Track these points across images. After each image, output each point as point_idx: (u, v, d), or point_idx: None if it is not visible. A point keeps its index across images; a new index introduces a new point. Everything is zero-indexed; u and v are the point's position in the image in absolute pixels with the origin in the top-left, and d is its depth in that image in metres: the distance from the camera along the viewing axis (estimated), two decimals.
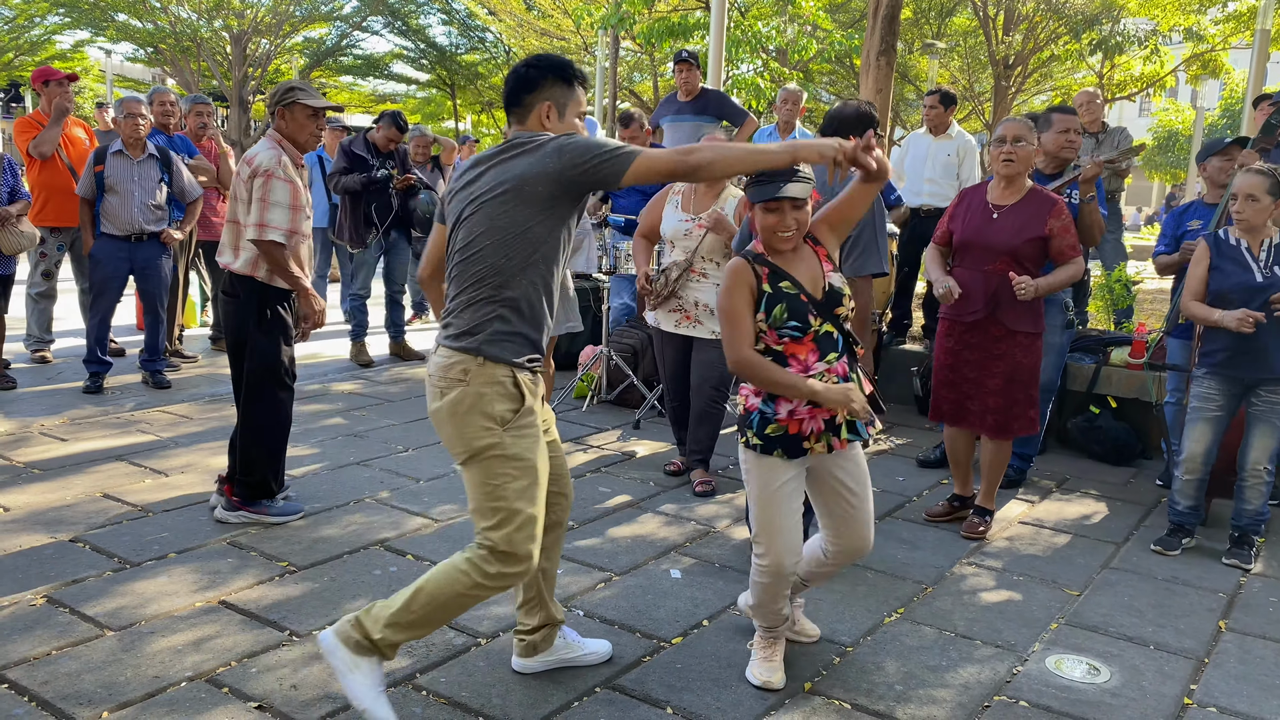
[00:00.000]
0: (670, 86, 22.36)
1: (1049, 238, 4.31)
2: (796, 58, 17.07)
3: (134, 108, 6.38)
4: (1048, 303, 4.85)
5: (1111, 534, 4.63)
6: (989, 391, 4.40)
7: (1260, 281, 4.18)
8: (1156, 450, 5.71)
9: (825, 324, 2.90)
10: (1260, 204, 4.15)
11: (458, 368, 2.65)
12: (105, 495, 4.58)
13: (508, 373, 2.67)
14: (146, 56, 28.71)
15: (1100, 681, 3.25)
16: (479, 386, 2.64)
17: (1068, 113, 5.04)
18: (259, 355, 4.26)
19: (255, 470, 4.32)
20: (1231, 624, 3.73)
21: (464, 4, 27.17)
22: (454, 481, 4.96)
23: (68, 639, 3.24)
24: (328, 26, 28.91)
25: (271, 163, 4.12)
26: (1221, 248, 4.33)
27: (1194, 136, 25.07)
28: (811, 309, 2.87)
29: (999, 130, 4.42)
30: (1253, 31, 17.42)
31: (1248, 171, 4.22)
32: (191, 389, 6.68)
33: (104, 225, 6.37)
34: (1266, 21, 11.51)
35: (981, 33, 20.96)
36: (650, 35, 14.81)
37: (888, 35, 9.34)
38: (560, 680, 3.11)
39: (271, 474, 4.37)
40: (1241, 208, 4.16)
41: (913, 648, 3.43)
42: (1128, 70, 22.63)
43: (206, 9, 25.54)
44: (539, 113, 2.75)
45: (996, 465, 4.54)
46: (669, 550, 4.19)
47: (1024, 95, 23.49)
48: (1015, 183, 4.38)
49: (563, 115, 2.77)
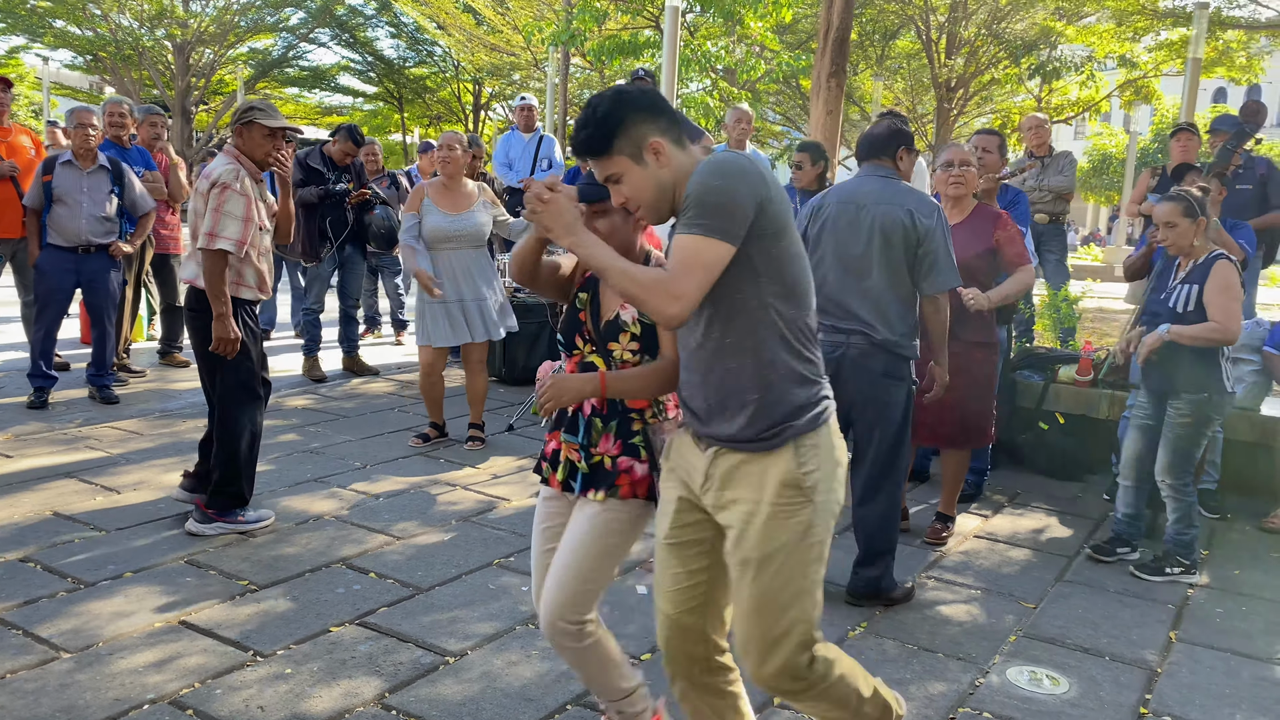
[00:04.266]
0: None
1: (996, 249, 4.47)
2: (745, 78, 17.27)
3: (85, 118, 6.27)
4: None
5: (1063, 548, 4.74)
6: (947, 405, 4.49)
7: (1164, 298, 4.37)
8: (1102, 465, 5.86)
9: (594, 354, 2.58)
10: (1179, 228, 4.29)
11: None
12: (55, 514, 4.47)
13: None
14: (85, 64, 28.12)
15: (1060, 692, 3.33)
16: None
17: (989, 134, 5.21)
18: (228, 368, 4.25)
19: (234, 481, 4.32)
20: (1181, 634, 3.84)
21: (412, 17, 27.04)
22: (413, 499, 4.92)
23: (22, 661, 3.16)
24: (273, 37, 28.60)
25: (229, 176, 4.17)
26: (1163, 267, 4.52)
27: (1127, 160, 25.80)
28: (583, 331, 2.59)
29: (946, 155, 4.56)
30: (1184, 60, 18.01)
31: (1164, 199, 4.37)
32: (140, 404, 6.55)
33: (51, 236, 6.24)
34: (1198, 50, 11.87)
35: (924, 56, 21.40)
36: (600, 53, 14.88)
37: (838, 57, 9.51)
38: (531, 697, 3.11)
39: (246, 483, 4.38)
40: (1164, 235, 4.32)
41: (878, 661, 3.48)
42: (1064, 95, 23.27)
43: (148, 17, 25.13)
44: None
45: (958, 475, 4.71)
46: (632, 567, 4.20)
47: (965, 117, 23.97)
48: (962, 203, 4.54)
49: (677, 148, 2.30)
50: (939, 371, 4.08)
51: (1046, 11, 19.32)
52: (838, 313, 3.87)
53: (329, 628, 3.50)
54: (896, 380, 3.86)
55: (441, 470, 5.42)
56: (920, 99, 24.22)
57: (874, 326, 3.81)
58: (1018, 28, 19.76)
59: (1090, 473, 5.97)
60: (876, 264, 3.80)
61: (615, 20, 17.02)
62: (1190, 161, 7.25)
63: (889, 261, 3.79)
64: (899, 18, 20.78)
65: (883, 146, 3.94)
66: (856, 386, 3.85)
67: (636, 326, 2.54)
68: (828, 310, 3.87)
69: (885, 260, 3.79)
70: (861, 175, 3.99)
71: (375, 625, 3.53)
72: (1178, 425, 4.30)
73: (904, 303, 3.84)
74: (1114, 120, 38.01)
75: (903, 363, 3.87)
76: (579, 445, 2.59)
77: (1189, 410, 4.28)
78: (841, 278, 3.87)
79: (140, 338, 8.43)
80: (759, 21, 15.42)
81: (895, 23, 21.16)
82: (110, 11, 24.77)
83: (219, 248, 4.10)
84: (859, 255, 3.83)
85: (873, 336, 3.81)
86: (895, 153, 3.94)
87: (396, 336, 9.60)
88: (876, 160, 3.95)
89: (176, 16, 25.47)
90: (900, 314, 3.83)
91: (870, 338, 3.81)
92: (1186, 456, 4.34)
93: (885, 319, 3.81)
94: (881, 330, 3.80)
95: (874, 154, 3.96)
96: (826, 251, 3.91)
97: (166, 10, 25.09)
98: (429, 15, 24.73)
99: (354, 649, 3.36)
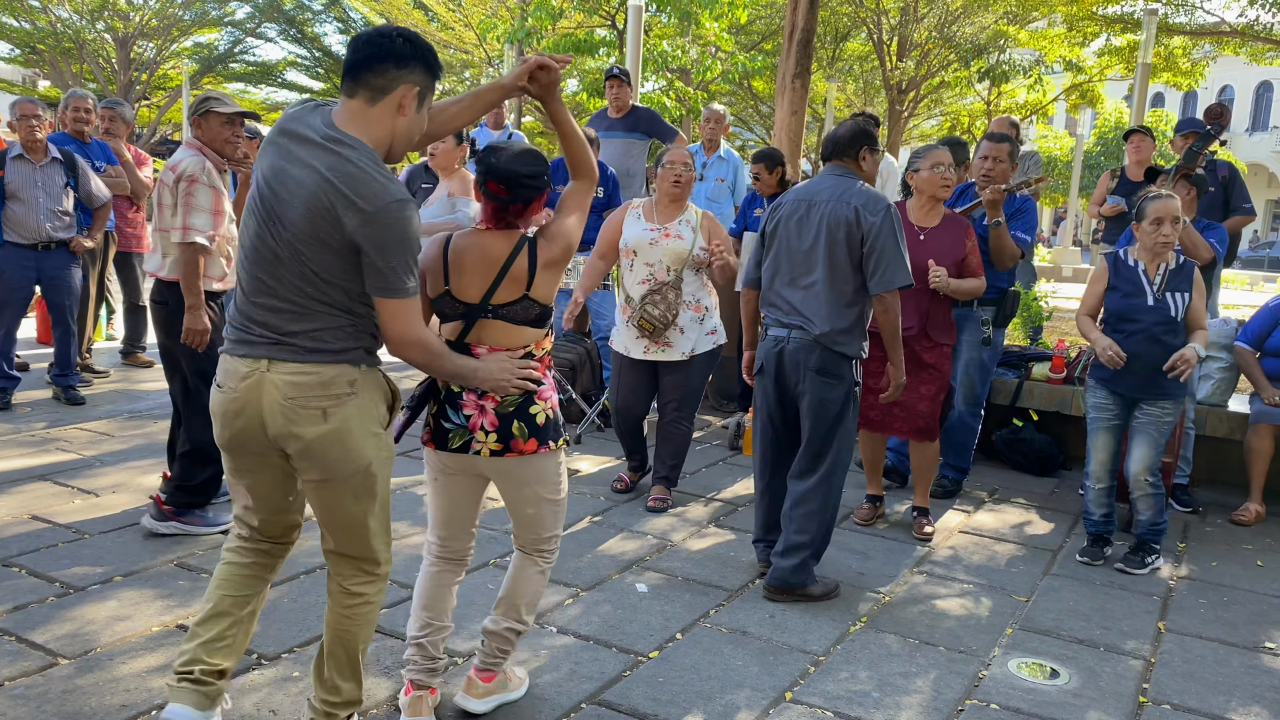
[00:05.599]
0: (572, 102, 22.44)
1: (965, 257, 4.57)
2: (700, 78, 17.33)
3: (27, 109, 6.07)
4: (964, 319, 5.18)
5: (1046, 542, 4.83)
6: (920, 398, 4.60)
7: (1151, 304, 4.43)
8: (1076, 461, 5.98)
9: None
10: (1179, 227, 4.40)
11: (342, 380, 2.44)
12: (34, 517, 4.35)
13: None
14: (22, 56, 27.35)
15: (1061, 683, 3.39)
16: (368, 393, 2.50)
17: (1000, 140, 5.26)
18: (194, 359, 4.19)
19: (195, 477, 4.24)
20: (1169, 625, 3.94)
21: (361, 13, 26.73)
22: (401, 500, 4.87)
23: (20, 668, 3.07)
24: (219, 32, 28.05)
25: (196, 168, 4.14)
26: (1120, 269, 4.56)
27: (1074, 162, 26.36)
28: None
29: (937, 154, 4.59)
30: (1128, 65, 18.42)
31: (1170, 197, 4.43)
32: (107, 405, 6.40)
33: (7, 234, 6.06)
34: (1147, 55, 12.18)
35: (876, 58, 21.67)
36: (555, 50, 14.83)
37: (802, 59, 9.58)
38: (545, 697, 3.09)
39: (210, 482, 4.30)
40: (1169, 231, 4.38)
41: (881, 656, 3.51)
42: (1012, 98, 23.70)
43: (89, 10, 24.52)
44: (397, 97, 2.39)
45: (930, 467, 4.83)
46: (631, 565, 4.20)
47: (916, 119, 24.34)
48: (939, 205, 4.61)
49: (419, 107, 2.46)
50: (893, 371, 4.14)
51: (996, 16, 19.68)
52: (783, 307, 3.99)
53: None
54: (833, 378, 3.90)
55: None
56: (872, 101, 24.51)
57: (811, 322, 3.89)
58: (968, 31, 20.09)
59: (1064, 468, 6.09)
60: (820, 261, 3.89)
61: (570, 19, 17.00)
62: (1145, 161, 7.46)
63: (832, 259, 3.87)
64: (851, 20, 21.02)
65: (845, 147, 4.01)
66: (795, 379, 3.95)
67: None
68: (775, 304, 4.03)
69: (829, 258, 3.87)
70: (821, 175, 4.06)
71: (378, 627, 3.49)
72: (1162, 424, 4.42)
73: (845, 300, 3.89)
74: (1057, 123, 38.78)
75: (841, 360, 3.91)
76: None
77: (1174, 410, 4.42)
78: (788, 273, 3.98)
79: (100, 338, 8.22)
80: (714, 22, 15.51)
81: (847, 25, 21.41)
82: (50, 3, 24.12)
83: (193, 240, 4.08)
84: (805, 251, 3.93)
85: (810, 331, 3.89)
86: (857, 153, 4.00)
87: None
88: (838, 160, 4.03)
89: (118, 9, 24.88)
90: (839, 311, 3.88)
91: (808, 332, 3.90)
92: (1161, 452, 4.49)
93: (823, 315, 3.88)
94: (818, 325, 3.87)
95: (836, 154, 4.04)
96: (779, 248, 4.02)
97: (108, 3, 24.50)
98: (379, 11, 24.46)
99: None
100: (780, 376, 4.01)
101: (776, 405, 4.07)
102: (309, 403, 2.39)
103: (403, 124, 2.42)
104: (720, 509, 5.03)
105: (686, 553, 4.39)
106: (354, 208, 2.27)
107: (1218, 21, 16.92)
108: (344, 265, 2.33)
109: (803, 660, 3.44)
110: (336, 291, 2.37)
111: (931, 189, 4.58)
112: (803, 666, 3.39)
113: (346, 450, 2.45)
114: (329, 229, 2.29)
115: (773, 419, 4.10)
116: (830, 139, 4.05)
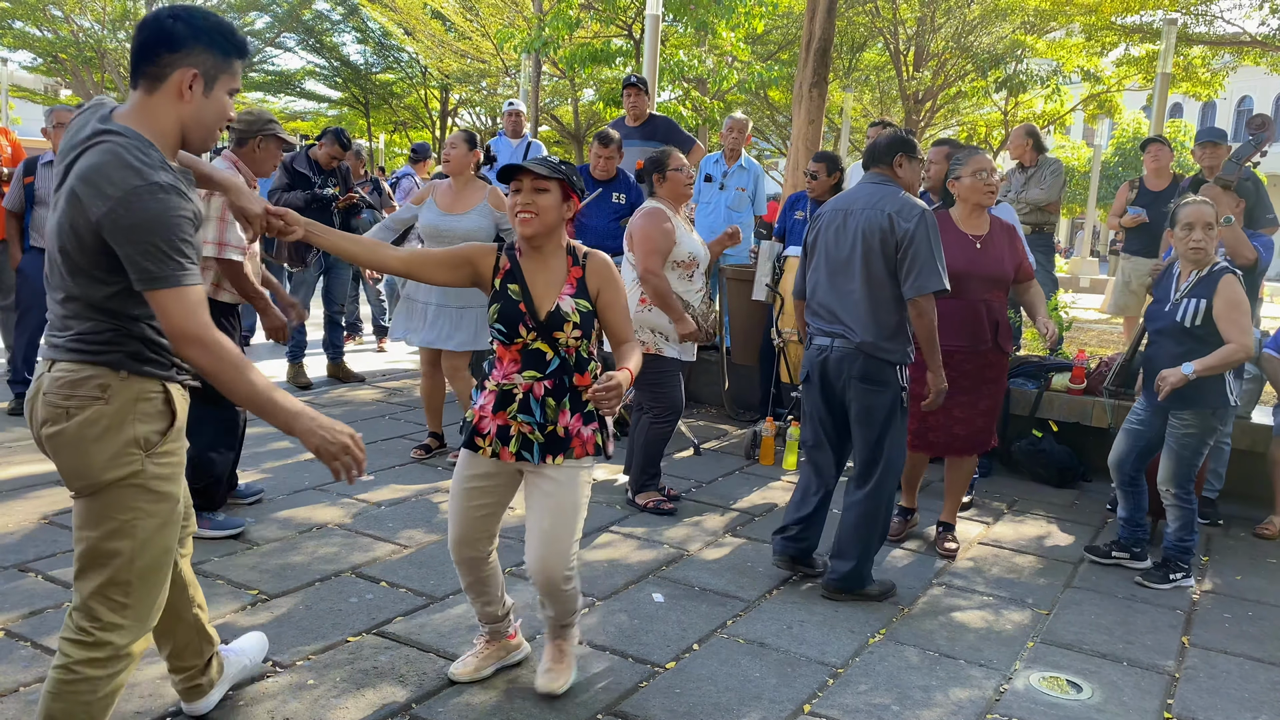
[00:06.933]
0: (588, 112, 22.47)
1: (1021, 262, 4.54)
2: (716, 88, 17.33)
3: (64, 117, 6.14)
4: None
5: (1067, 554, 4.77)
6: (979, 413, 4.56)
7: (1167, 309, 4.37)
8: (1096, 473, 5.91)
9: (539, 341, 2.90)
10: (1214, 230, 4.32)
11: (92, 382, 2.28)
12: (50, 522, 4.35)
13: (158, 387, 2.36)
14: (45, 66, 27.61)
15: (1084, 698, 3.34)
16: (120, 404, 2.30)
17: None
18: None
19: (197, 483, 4.21)
20: (1193, 639, 3.88)
21: (379, 23, 26.85)
22: (415, 507, 4.86)
23: (35, 674, 3.06)
24: None
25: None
26: (1163, 277, 4.53)
27: (1091, 172, 26.24)
28: (526, 320, 2.88)
29: (978, 161, 4.50)
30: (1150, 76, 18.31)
31: (1203, 202, 4.33)
32: None
33: (34, 239, 6.10)
34: (1167, 65, 12.10)
35: (893, 68, 21.61)
36: (572, 60, 14.86)
37: (820, 68, 9.53)
38: (561, 708, 3.06)
39: (218, 486, 4.30)
40: (1200, 237, 4.27)
41: (901, 668, 3.47)
42: (1030, 108, 23.59)
43: (111, 20, 24.73)
44: (175, 82, 2.25)
45: (965, 481, 4.78)
46: (647, 574, 4.17)
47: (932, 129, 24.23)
48: (984, 211, 4.54)
49: (210, 89, 2.30)
50: (933, 379, 4.10)
51: (1014, 26, 19.60)
52: (825, 315, 4.02)
53: (346, 638, 3.43)
54: (877, 384, 3.91)
55: (441, 478, 5.35)
56: (888, 110, 24.43)
57: (853, 330, 3.91)
58: (985, 41, 20.01)
59: (1085, 480, 6.02)
60: (858, 268, 3.90)
61: (587, 28, 17.03)
62: (1163, 171, 7.42)
63: (869, 266, 3.88)
64: (868, 30, 20.97)
65: (881, 155, 4.05)
66: (840, 387, 3.98)
67: (576, 315, 2.90)
68: (818, 314, 4.06)
69: (865, 265, 3.89)
70: (860, 183, 4.08)
71: (394, 635, 3.47)
72: (1183, 436, 4.34)
73: (885, 307, 3.89)
74: (1074, 133, 38.62)
75: (886, 367, 3.91)
76: (534, 423, 2.92)
77: (1195, 422, 4.30)
78: (829, 282, 4.00)
79: None
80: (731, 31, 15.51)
81: (864, 35, 21.36)
82: (72, 13, 24.34)
83: (229, 257, 4.08)
84: (844, 260, 3.95)
85: (851, 340, 3.91)
86: (893, 160, 4.01)
87: (379, 343, 9.49)
88: (875, 168, 4.06)
89: (139, 19, 25.05)
90: (879, 318, 3.88)
91: (850, 340, 3.91)
92: (1190, 466, 4.37)
93: (865, 323, 3.89)
94: (860, 333, 3.89)
95: (873, 162, 4.09)
96: (819, 258, 4.06)
97: (129, 13, 24.70)
98: (398, 21, 24.56)
99: (375, 659, 3.29)
100: (826, 385, 4.06)
101: (826, 414, 4.11)
102: (58, 400, 2.26)
103: (188, 110, 2.27)
104: (737, 518, 4.99)
105: (703, 562, 4.35)
106: (100, 195, 2.13)
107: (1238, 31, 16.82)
108: (99, 261, 2.20)
109: (821, 672, 3.40)
110: (95, 290, 2.24)
111: (976, 196, 4.47)
112: (821, 679, 3.35)
113: (83, 458, 2.27)
114: (83, 223, 2.17)
115: (823, 425, 4.13)
116: (870, 148, 4.10)
